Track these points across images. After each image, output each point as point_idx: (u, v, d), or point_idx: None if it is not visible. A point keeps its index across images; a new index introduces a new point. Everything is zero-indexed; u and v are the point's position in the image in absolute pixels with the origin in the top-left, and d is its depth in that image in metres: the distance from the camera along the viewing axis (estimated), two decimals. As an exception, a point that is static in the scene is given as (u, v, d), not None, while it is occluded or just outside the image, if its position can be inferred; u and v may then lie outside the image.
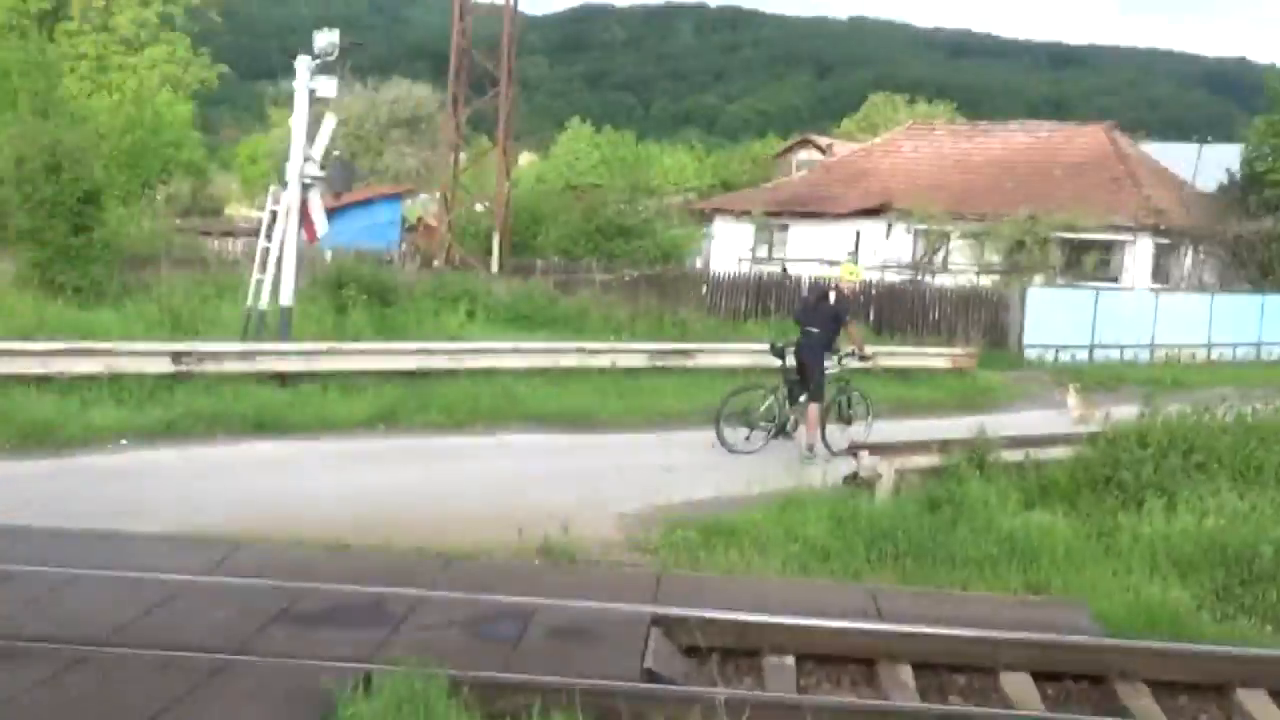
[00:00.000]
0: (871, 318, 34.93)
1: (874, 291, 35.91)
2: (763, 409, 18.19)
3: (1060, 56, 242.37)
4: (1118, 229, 41.23)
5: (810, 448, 17.63)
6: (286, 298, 20.49)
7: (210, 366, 18.43)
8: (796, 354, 18.03)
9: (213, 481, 14.07)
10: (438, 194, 43.43)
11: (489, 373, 21.17)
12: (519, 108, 47.85)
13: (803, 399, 17.98)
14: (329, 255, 30.67)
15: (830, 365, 18.25)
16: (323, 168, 20.58)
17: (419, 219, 60.33)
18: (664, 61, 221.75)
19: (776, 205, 48.09)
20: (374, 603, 9.48)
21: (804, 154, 77.64)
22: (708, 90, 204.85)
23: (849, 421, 18.76)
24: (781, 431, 18.10)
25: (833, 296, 18.04)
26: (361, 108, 71.20)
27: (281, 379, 19.11)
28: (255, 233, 27.67)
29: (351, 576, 10.02)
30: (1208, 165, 48.17)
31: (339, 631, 8.83)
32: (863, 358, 18.60)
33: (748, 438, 18.02)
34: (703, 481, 15.25)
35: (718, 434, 17.99)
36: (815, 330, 17.77)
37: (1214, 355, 38.13)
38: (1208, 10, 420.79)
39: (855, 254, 44.08)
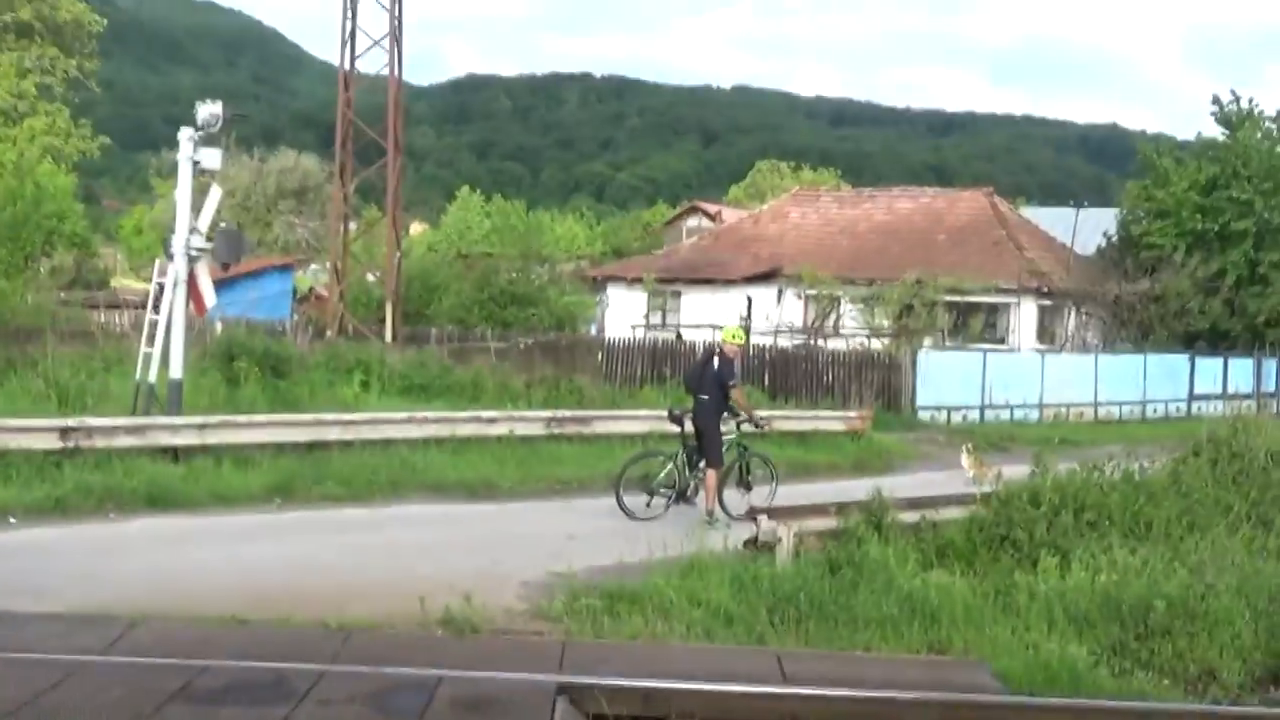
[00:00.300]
0: (766, 382, 35.22)
1: (768, 356, 36.24)
2: (662, 475, 18.29)
3: (939, 124, 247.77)
4: (1002, 291, 42.09)
5: (710, 513, 17.70)
6: (176, 371, 20.19)
7: (100, 441, 18.06)
8: (693, 420, 18.16)
9: (106, 558, 13.76)
10: (328, 264, 43.15)
11: (385, 443, 20.97)
12: (407, 177, 47.85)
13: (701, 465, 18.07)
14: (219, 327, 30.28)
15: (727, 430, 18.38)
16: (209, 240, 20.38)
17: (310, 289, 59.85)
18: (551, 131, 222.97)
19: (668, 272, 48.44)
20: (274, 678, 9.32)
21: (694, 221, 78.45)
22: (596, 159, 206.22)
23: (749, 486, 18.85)
24: (682, 497, 18.20)
25: (716, 361, 18.06)
26: (248, 178, 70.70)
27: (174, 453, 18.79)
28: (143, 305, 27.26)
29: (251, 652, 9.84)
30: (1085, 228, 49.42)
31: (239, 709, 8.66)
32: (755, 424, 18.71)
33: (649, 504, 18.07)
34: (605, 548, 15.21)
35: (618, 501, 18.02)
36: (705, 397, 17.90)
37: (1101, 413, 38.95)
38: (1077, 79, 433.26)
39: (748, 319, 44.48)
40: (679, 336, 42.70)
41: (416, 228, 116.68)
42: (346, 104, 38.48)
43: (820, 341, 41.78)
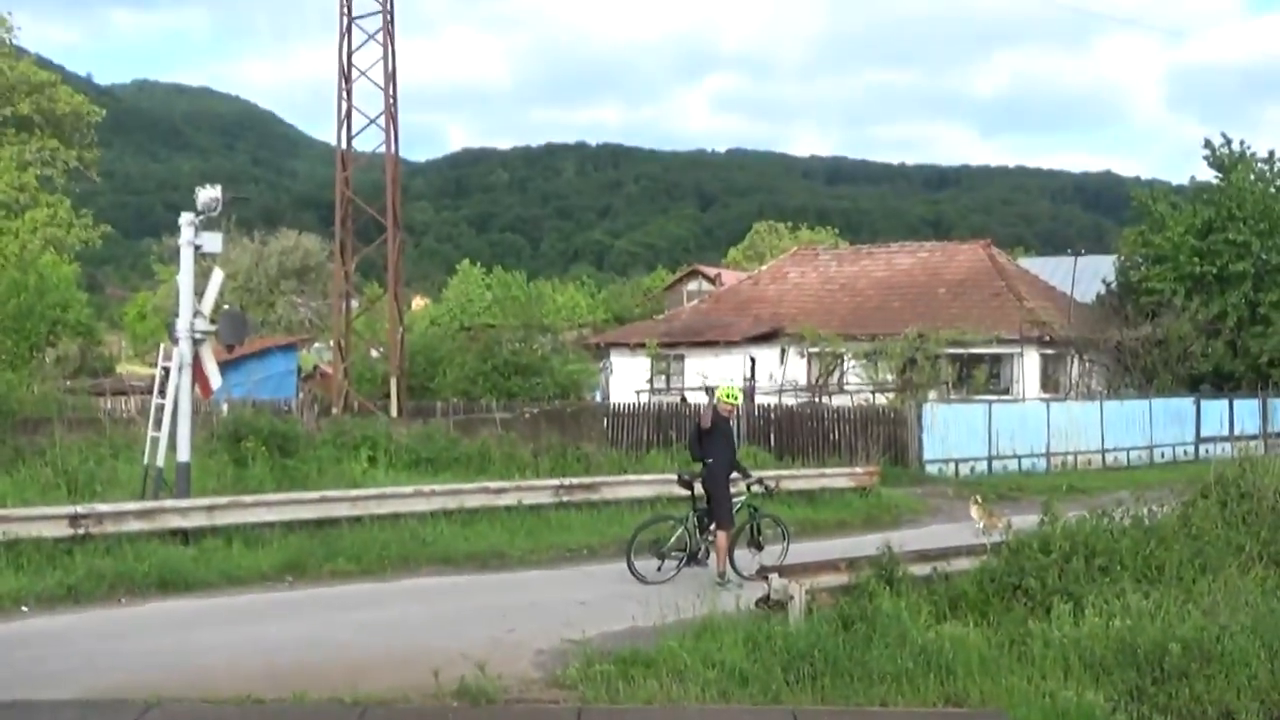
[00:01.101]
0: (772, 442, 35.23)
1: (773, 415, 36.28)
2: (674, 539, 18.33)
3: (934, 179, 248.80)
4: (1004, 342, 42.16)
5: (722, 574, 17.73)
6: (184, 454, 20.26)
7: (110, 527, 18.11)
8: (703, 483, 18.22)
9: (120, 643, 13.76)
10: (332, 342, 43.31)
11: (394, 518, 21.02)
12: (407, 253, 48.13)
13: (712, 527, 18.12)
14: (225, 409, 30.38)
15: (737, 492, 18.49)
16: (213, 322, 20.52)
17: (315, 368, 60.01)
18: (549, 201, 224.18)
19: (671, 336, 48.58)
20: (293, 756, 9.31)
21: (694, 284, 78.81)
22: (594, 227, 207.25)
23: (760, 546, 18.87)
24: (693, 560, 18.24)
25: (705, 422, 18.11)
26: (250, 260, 71.17)
27: (184, 536, 18.83)
28: (149, 390, 27.37)
29: (268, 731, 9.85)
30: (1084, 276, 49.57)
31: (259, 788, 8.66)
32: (764, 485, 18.83)
33: (660, 568, 18.11)
34: (617, 613, 15.23)
35: (630, 566, 18.06)
36: (710, 460, 18.00)
37: (1108, 460, 38.89)
38: (1068, 129, 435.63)
39: (751, 379, 44.53)
40: (683, 399, 42.75)
41: (418, 302, 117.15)
42: (344, 183, 38.83)
43: (825, 399, 41.80)
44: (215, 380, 20.69)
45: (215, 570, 17.67)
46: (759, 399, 41.01)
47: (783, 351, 45.97)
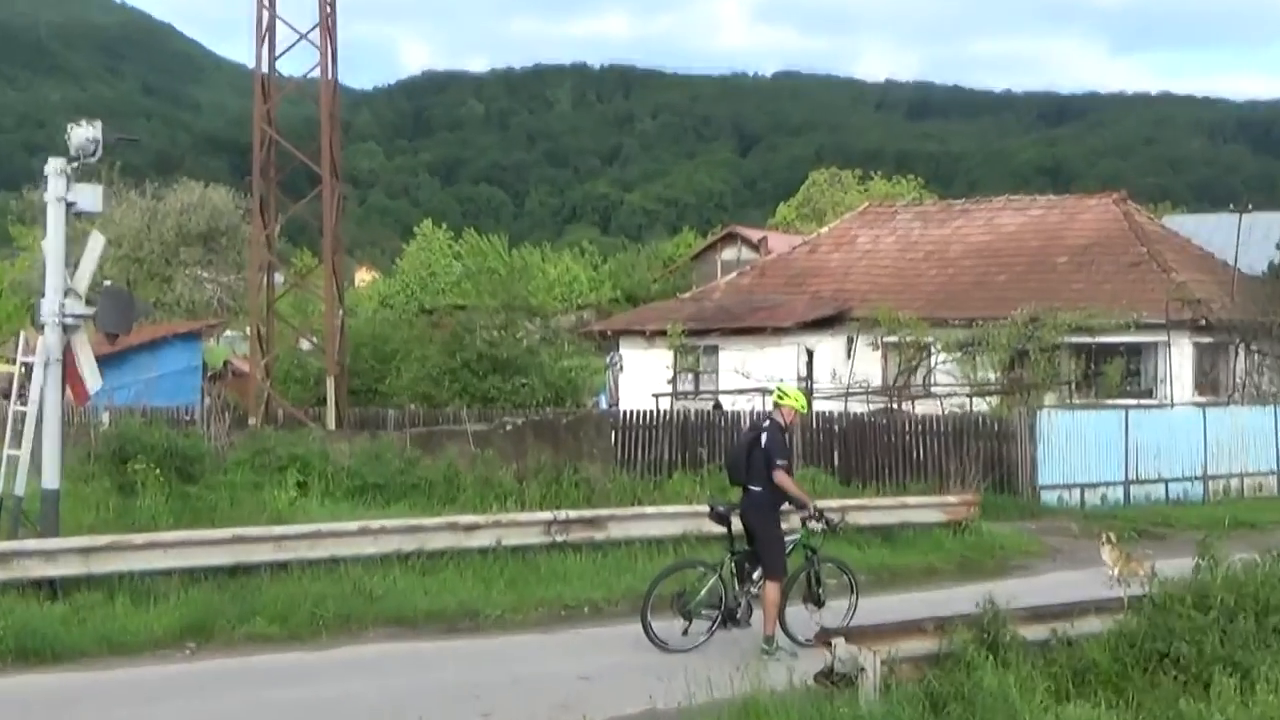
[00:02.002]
0: (836, 461, 35.16)
1: (837, 427, 36.21)
2: (704, 592, 18.20)
3: (1051, 111, 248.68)
4: (1145, 327, 42.01)
5: (769, 639, 17.67)
6: (51, 479, 20.23)
7: (-48, 577, 18.11)
8: (741, 518, 18.14)
9: (-37, 733, 13.78)
10: (248, 329, 43.38)
11: (332, 564, 20.97)
12: (349, 211, 48.16)
13: (756, 575, 18.07)
14: (106, 418, 30.40)
15: (789, 529, 18.41)
16: (89, 303, 20.49)
17: (226, 363, 60.17)
18: (537, 141, 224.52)
19: (700, 321, 48.53)
20: None
21: (731, 252, 78.83)
22: (597, 177, 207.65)
23: (820, 602, 18.74)
24: (730, 619, 18.13)
25: (764, 436, 18.03)
26: (139, 221, 71.16)
27: (51, 588, 18.80)
28: (5, 394, 27.37)
29: None
30: (1253, 239, 49.31)
31: None
32: (823, 520, 18.50)
33: (686, 631, 18.04)
34: (630, 692, 15.20)
35: (646, 628, 17.99)
36: (757, 488, 17.89)
37: (1286, 485, 38.81)
38: (1229, 43, 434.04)
39: (808, 379, 44.49)
40: (717, 406, 42.71)
41: (364, 276, 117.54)
42: (265, 118, 38.81)
43: (906, 405, 41.69)
44: (93, 381, 20.67)
45: (92, 634, 17.61)
46: (818, 404, 40.93)
47: (850, 342, 45.90)
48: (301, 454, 28.63)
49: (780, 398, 18.46)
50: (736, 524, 18.23)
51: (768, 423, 18.22)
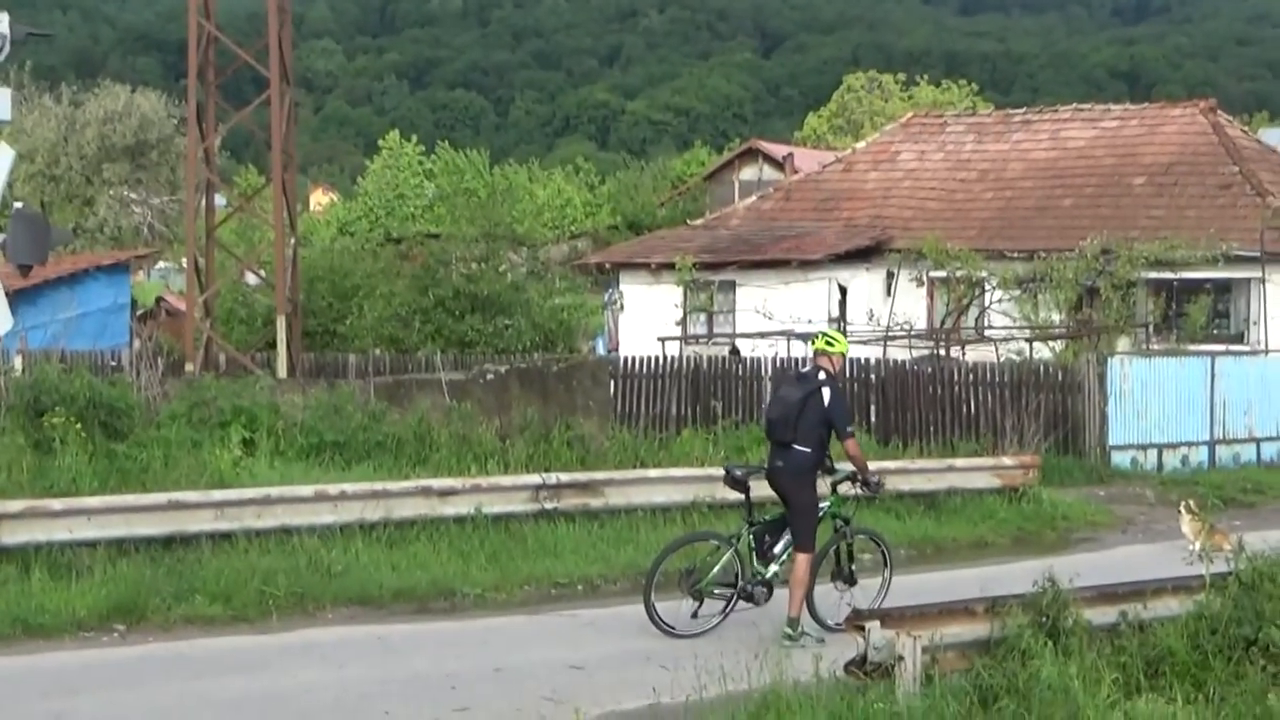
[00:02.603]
0: (872, 415, 35.21)
1: (873, 376, 36.23)
2: (717, 569, 18.37)
3: (1128, 4, 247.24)
4: (1237, 260, 41.94)
5: (794, 621, 17.86)
6: (-42, 435, 20.35)
7: None
8: (772, 482, 18.33)
9: None
10: (184, 260, 43.37)
11: (284, 534, 21.09)
12: (303, 122, 47.98)
13: (778, 549, 18.27)
14: (18, 363, 30.44)
15: (823, 495, 18.57)
16: None
17: (159, 300, 60.20)
18: (523, 40, 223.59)
19: (715, 253, 48.50)
20: None
21: (751, 171, 78.77)
22: (595, 81, 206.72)
23: (852, 579, 18.95)
24: (746, 599, 18.32)
25: (826, 392, 18.09)
26: (55, 133, 71.09)
27: (-44, 562, 18.92)
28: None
29: None
30: (1365, 157, 49.28)
31: None
32: (867, 484, 18.72)
33: (696, 613, 18.23)
34: (630, 683, 15.37)
35: (649, 610, 18.17)
36: (798, 446, 18.03)
37: (1399, 444, 38.84)
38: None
39: (841, 319, 44.49)
40: (735, 352, 42.74)
41: (320, 199, 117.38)
42: (203, 10, 38.71)
43: (955, 350, 41.72)
44: (3, 321, 20.74)
45: (3, 614, 17.72)
46: (853, 350, 40.92)
47: (890, 277, 45.92)
48: (247, 406, 28.63)
49: (828, 344, 18.55)
50: (755, 488, 18.42)
51: (821, 375, 18.23)
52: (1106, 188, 46.53)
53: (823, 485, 18.65)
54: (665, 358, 39.60)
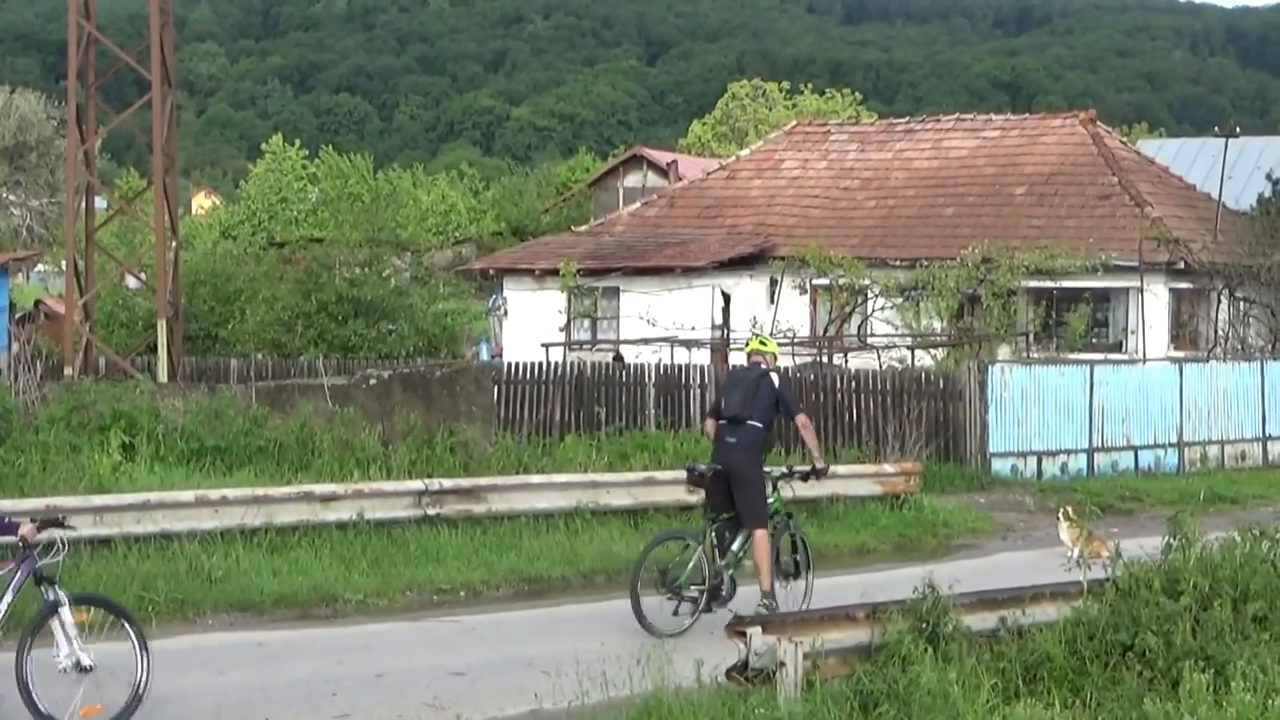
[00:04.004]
0: (755, 423, 35.32)
1: (757, 383, 36.32)
2: (689, 567, 18.93)
3: (1010, 15, 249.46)
4: (1116, 270, 42.37)
5: (769, 593, 18.83)
6: None
7: None
8: (725, 461, 19.24)
9: None
10: (64, 263, 42.99)
11: (163, 540, 20.99)
12: (185, 124, 47.69)
13: (735, 546, 19.10)
14: (-106, 368, 30.11)
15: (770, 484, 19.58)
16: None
17: (37, 303, 59.61)
18: (408, 44, 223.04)
19: (598, 259, 48.53)
20: None
21: (635, 177, 78.75)
22: (480, 87, 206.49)
23: (795, 573, 19.69)
24: (714, 598, 18.92)
25: (774, 378, 19.60)
26: (-70, 133, 70.39)
27: None
28: None
29: None
30: (1241, 169, 49.76)
31: None
32: (815, 469, 20.00)
33: (676, 610, 18.68)
34: (512, 689, 15.39)
35: (636, 609, 18.58)
36: (756, 423, 19.22)
37: (1272, 453, 39.24)
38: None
39: (724, 327, 44.61)
40: (618, 358, 42.78)
41: (202, 202, 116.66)
42: (83, 10, 38.38)
43: (837, 358, 41.89)
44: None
45: None
46: (735, 357, 41.06)
47: (773, 284, 46.07)
48: (127, 411, 28.40)
49: (761, 344, 20.32)
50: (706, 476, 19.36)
51: (763, 366, 19.76)
52: (988, 197, 46.90)
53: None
54: (549, 364, 39.61)
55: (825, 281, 44.70)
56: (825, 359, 41.73)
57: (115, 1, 37.74)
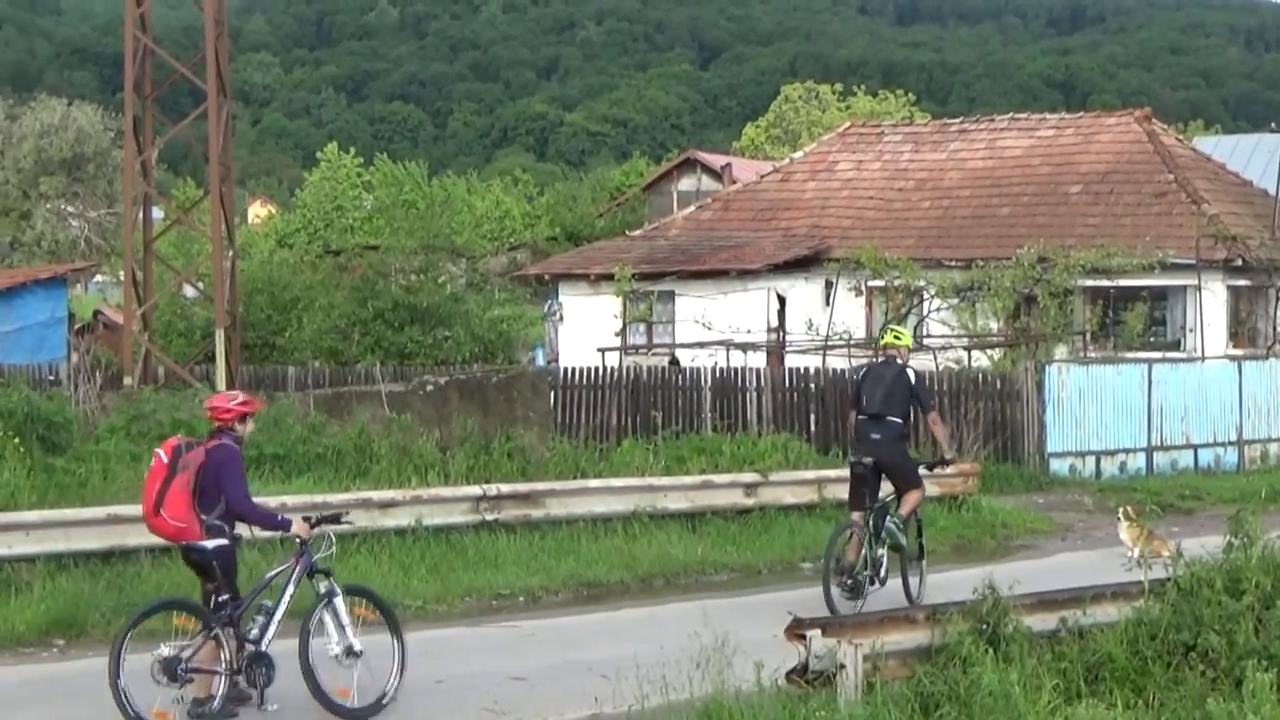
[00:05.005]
0: (812, 425, 35.28)
1: (813, 385, 36.29)
2: (863, 555, 20.35)
3: (1063, 14, 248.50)
4: (1173, 268, 42.12)
5: (905, 518, 20.79)
6: (-106, 450, 20.22)
7: None
8: (879, 453, 20.72)
9: None
10: (122, 273, 43.17)
11: (223, 548, 21.01)
12: (240, 134, 47.85)
13: (884, 533, 20.58)
14: (-45, 380, 30.28)
15: (887, 493, 21.03)
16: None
17: (96, 314, 59.83)
18: (462, 52, 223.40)
19: (653, 263, 48.48)
20: None
21: (689, 181, 78.72)
22: (533, 93, 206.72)
23: (919, 555, 21.35)
24: (877, 582, 20.55)
25: (910, 374, 21.21)
26: (-9, 146, 70.82)
27: (-107, 578, 18.80)
28: None
29: None
30: (1300, 165, 49.50)
31: None
32: (943, 460, 22.03)
33: (851, 594, 20.16)
34: (571, 694, 15.43)
35: (829, 600, 19.78)
36: (892, 417, 20.80)
37: (1334, 451, 39.06)
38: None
39: (779, 328, 44.54)
40: (674, 362, 42.74)
41: (259, 211, 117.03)
42: (139, 23, 38.55)
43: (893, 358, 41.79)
44: (-60, 335, 20.63)
45: (-58, 630, 17.63)
46: (791, 359, 40.99)
47: (828, 286, 45.96)
48: (187, 420, 28.46)
49: (895, 338, 21.69)
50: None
51: (899, 361, 21.28)
52: (1043, 196, 46.68)
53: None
54: (605, 368, 39.65)
55: (880, 283, 44.57)
56: (881, 360, 41.57)
57: (171, 13, 37.92)
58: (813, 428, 35.25)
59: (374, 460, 28.10)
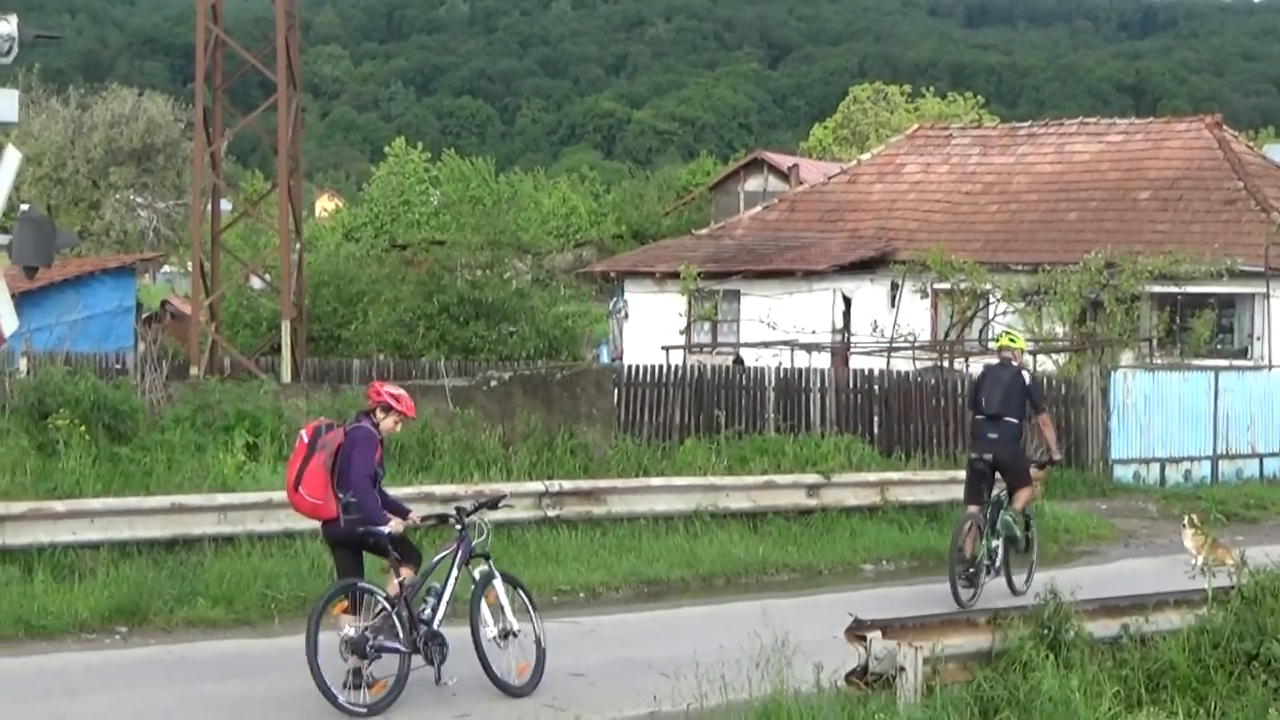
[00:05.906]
0: (876, 427, 35.22)
1: (877, 387, 36.23)
2: (983, 549, 21.53)
3: (1134, 18, 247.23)
4: (1241, 275, 41.91)
5: (1019, 512, 22.00)
6: (-39, 436, 20.34)
7: None
8: (996, 453, 21.78)
9: None
10: (190, 264, 43.35)
11: (287, 538, 21.13)
12: (309, 127, 48.00)
13: (999, 525, 21.68)
14: (23, 365, 30.43)
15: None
16: (4, 231, 20.58)
17: (164, 304, 60.16)
18: (531, 48, 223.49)
19: (719, 263, 48.50)
20: None
21: (756, 181, 78.60)
22: (601, 90, 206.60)
23: (1026, 548, 22.50)
24: (990, 570, 21.69)
25: (1025, 376, 22.44)
26: (62, 136, 71.02)
27: (-41, 563, 18.92)
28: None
29: None
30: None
31: None
32: (1053, 463, 23.50)
33: (970, 584, 21.25)
34: (630, 691, 15.47)
35: (954, 590, 20.96)
36: (1009, 418, 21.75)
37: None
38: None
39: (844, 330, 44.50)
40: (739, 361, 42.74)
41: (326, 204, 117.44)
42: (211, 14, 38.71)
43: (959, 362, 41.68)
44: (8, 322, 20.77)
45: (6, 615, 17.74)
46: (855, 361, 40.93)
47: (894, 288, 45.90)
48: (251, 411, 28.59)
49: (1010, 340, 22.75)
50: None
51: (1014, 363, 22.31)
52: (1111, 201, 46.52)
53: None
54: (669, 366, 39.62)
55: (946, 286, 44.47)
56: (946, 364, 41.54)
57: (242, 5, 38.07)
58: (876, 430, 35.17)
59: (437, 455, 28.13)
